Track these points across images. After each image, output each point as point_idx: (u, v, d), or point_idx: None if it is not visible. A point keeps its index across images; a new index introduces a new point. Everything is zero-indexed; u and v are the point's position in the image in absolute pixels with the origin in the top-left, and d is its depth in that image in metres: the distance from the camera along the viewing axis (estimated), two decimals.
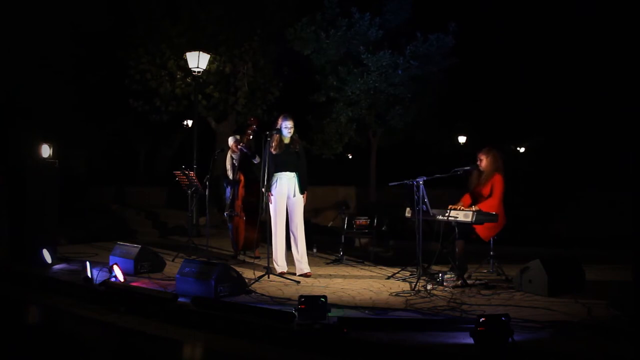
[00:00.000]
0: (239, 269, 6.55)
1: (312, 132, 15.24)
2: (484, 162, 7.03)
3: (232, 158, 8.92)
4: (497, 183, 6.86)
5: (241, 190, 8.57)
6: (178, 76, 13.50)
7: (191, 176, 8.62)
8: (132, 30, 13.62)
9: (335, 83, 14.48)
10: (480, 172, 7.08)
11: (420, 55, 13.92)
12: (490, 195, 6.85)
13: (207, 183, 8.31)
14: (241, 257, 8.65)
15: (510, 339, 4.21)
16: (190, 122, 19.28)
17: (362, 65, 14.01)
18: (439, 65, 14.21)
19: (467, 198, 7.15)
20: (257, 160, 8.45)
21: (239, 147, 8.61)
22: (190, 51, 11.67)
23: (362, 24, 13.93)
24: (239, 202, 8.59)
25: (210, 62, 12.49)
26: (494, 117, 19.27)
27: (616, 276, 7.09)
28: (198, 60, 11.58)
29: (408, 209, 7.09)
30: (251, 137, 8.54)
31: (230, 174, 8.88)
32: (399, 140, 18.20)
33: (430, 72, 14.22)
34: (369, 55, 13.69)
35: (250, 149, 8.58)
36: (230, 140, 8.99)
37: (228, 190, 8.89)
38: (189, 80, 13.25)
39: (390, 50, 13.67)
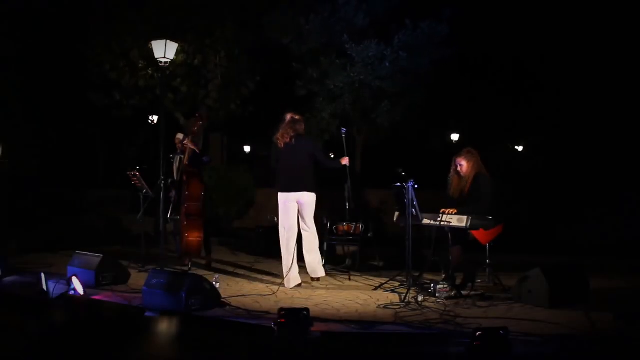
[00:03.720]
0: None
1: None
2: (465, 167, 6.99)
3: (179, 158, 8.86)
4: (482, 182, 6.85)
5: (185, 193, 8.47)
6: (140, 66, 13.41)
7: (139, 177, 8.53)
8: (92, 16, 13.52)
9: (315, 75, 14.47)
10: (461, 178, 7.06)
11: (410, 45, 13.92)
12: (479, 193, 6.84)
13: (163, 185, 8.22)
14: (190, 265, 8.40)
15: (508, 354, 4.27)
16: (156, 118, 19.17)
17: (346, 57, 14.02)
18: (431, 56, 14.21)
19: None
20: (207, 159, 8.48)
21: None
22: (154, 39, 11.59)
23: (347, 10, 13.90)
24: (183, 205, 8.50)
25: (178, 52, 12.42)
26: (489, 114, 19.38)
27: (623, 285, 7.19)
28: (165, 50, 11.49)
29: (397, 213, 7.12)
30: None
31: (175, 175, 8.83)
32: (387, 137, 18.23)
33: (421, 63, 14.22)
34: (354, 45, 13.68)
35: (198, 146, 8.51)
36: (178, 137, 8.96)
37: (174, 192, 8.81)
38: (149, 71, 13.15)
39: (376, 40, 13.69)
